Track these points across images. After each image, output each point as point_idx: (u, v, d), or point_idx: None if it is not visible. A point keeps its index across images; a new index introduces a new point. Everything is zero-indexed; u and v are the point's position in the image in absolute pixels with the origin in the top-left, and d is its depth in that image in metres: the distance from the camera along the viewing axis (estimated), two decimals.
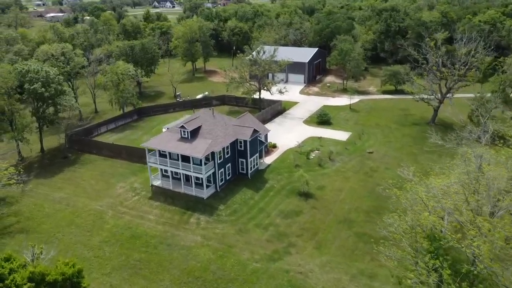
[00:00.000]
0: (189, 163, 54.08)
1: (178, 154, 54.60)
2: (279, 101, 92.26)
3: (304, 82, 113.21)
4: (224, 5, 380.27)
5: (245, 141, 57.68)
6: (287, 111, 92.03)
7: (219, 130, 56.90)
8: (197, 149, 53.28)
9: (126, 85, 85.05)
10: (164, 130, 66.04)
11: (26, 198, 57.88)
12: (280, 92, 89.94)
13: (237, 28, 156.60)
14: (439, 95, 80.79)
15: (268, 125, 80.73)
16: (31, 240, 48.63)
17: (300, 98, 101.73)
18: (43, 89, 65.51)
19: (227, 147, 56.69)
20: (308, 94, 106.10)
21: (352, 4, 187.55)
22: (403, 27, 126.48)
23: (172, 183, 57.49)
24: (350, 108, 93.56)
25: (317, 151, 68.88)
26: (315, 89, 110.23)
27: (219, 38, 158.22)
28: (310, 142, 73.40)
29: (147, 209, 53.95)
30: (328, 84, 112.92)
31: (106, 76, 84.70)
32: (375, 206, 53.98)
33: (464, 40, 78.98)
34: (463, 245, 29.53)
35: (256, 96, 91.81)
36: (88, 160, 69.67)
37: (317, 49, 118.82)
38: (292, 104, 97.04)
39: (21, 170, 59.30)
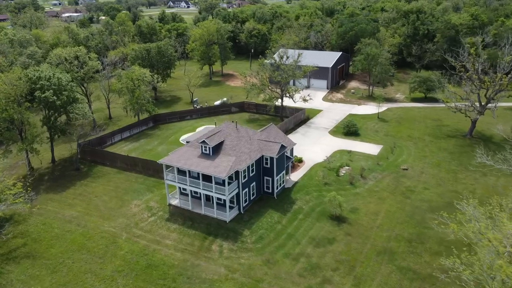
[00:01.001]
0: (211, 182, 49.14)
1: (198, 173, 49.70)
2: (303, 109, 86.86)
3: (327, 88, 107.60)
4: (239, 5, 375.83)
5: (271, 158, 52.53)
6: (311, 120, 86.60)
7: (244, 146, 51.85)
8: (220, 167, 48.32)
9: (141, 91, 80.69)
10: (182, 141, 61.40)
11: (34, 217, 53.59)
12: (304, 100, 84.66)
13: (255, 30, 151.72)
14: (477, 104, 74.45)
15: (291, 136, 75.60)
16: (38, 267, 44.31)
17: (323, 106, 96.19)
18: (54, 97, 61.32)
19: (252, 164, 51.61)
20: (332, 101, 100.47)
21: (374, 5, 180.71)
22: (432, 31, 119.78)
23: (192, 203, 52.62)
24: (378, 117, 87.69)
25: (347, 167, 63.35)
26: (339, 95, 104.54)
27: (236, 40, 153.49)
28: (339, 156, 67.90)
29: (164, 232, 49.15)
30: (352, 91, 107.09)
31: (121, 82, 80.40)
32: (417, 233, 48.27)
33: (507, 46, 72.55)
34: None
35: (277, 103, 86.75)
36: (101, 172, 65.34)
37: (340, 53, 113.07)
38: (316, 112, 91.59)
39: (29, 188, 55.07)
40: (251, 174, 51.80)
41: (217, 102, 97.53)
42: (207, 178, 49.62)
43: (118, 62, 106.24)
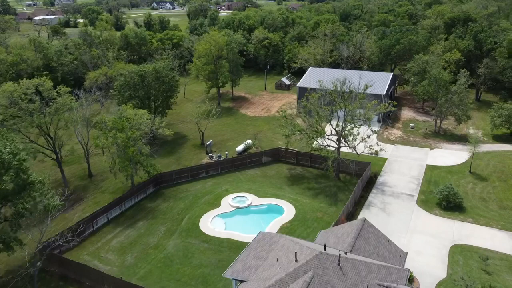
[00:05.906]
0: None
1: None
2: (369, 163, 61.12)
3: (379, 122, 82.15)
4: (229, 7, 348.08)
5: None
6: (380, 178, 60.99)
7: None
8: None
9: (137, 144, 53.87)
10: (225, 275, 35.29)
11: None
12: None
13: (266, 40, 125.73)
14: None
15: (364, 213, 50.36)
16: None
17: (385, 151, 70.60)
18: None
19: None
20: (391, 141, 75.04)
21: (398, 9, 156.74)
22: (497, 44, 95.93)
23: None
24: (471, 171, 62.72)
25: None
26: (397, 132, 79.21)
27: (244, 52, 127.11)
28: (463, 262, 42.45)
29: None
30: (411, 124, 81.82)
31: (106, 135, 53.09)
32: None
33: None
34: None
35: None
36: None
37: (391, 74, 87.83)
38: (379, 162, 65.88)
39: None
40: None
41: (239, 148, 70.91)
42: None
43: (101, 88, 78.86)
